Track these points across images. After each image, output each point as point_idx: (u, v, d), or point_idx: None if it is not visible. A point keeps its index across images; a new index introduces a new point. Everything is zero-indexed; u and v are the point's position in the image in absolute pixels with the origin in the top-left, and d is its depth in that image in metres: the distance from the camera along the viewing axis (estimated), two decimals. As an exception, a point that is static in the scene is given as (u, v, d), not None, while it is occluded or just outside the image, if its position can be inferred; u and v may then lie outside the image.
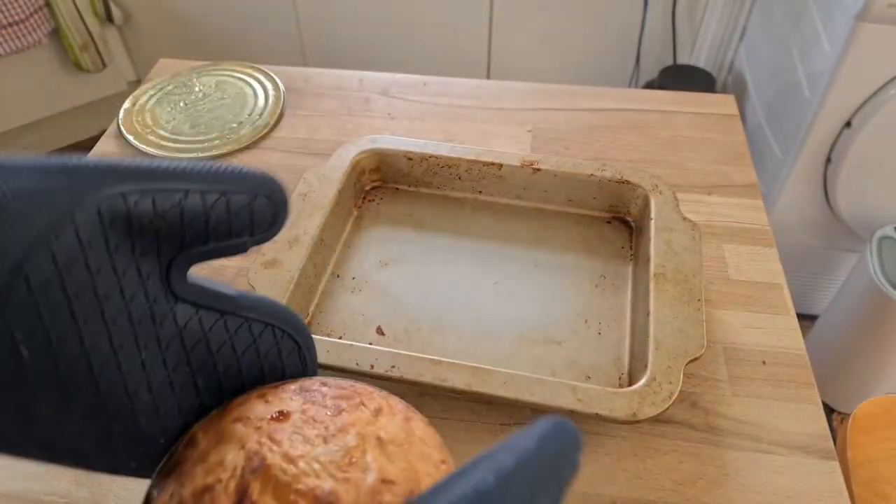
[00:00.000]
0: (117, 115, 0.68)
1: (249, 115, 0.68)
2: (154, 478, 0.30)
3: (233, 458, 0.28)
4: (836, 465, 0.41)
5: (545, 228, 0.56)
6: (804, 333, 0.50)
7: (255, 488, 0.27)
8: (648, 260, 0.49)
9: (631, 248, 0.55)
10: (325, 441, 0.29)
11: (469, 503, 0.18)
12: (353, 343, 0.44)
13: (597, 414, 0.40)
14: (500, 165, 0.56)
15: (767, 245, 0.55)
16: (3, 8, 1.39)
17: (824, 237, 1.22)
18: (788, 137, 1.14)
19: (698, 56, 1.58)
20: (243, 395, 0.32)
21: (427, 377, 0.42)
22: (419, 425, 0.32)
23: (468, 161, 0.57)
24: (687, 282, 0.47)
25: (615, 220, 0.57)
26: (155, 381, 0.27)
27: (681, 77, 1.50)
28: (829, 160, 1.10)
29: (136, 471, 0.29)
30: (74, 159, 0.24)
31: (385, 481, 0.28)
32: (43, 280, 0.22)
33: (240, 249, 0.28)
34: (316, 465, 0.28)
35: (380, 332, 0.49)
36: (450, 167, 0.58)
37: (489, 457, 0.19)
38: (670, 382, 0.41)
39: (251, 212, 0.27)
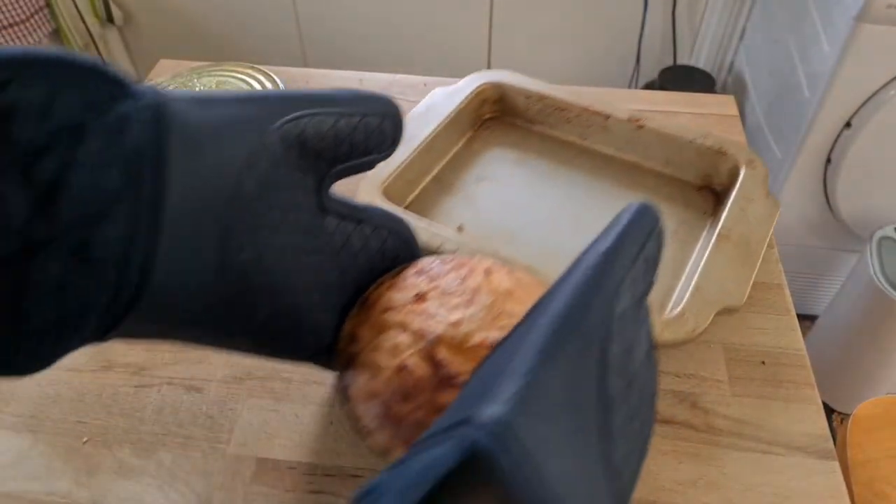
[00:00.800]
0: (117, 116, 0.68)
1: (249, 115, 0.68)
2: (339, 374, 0.36)
3: (404, 339, 0.34)
4: (836, 465, 0.41)
5: (637, 182, 0.60)
6: (804, 334, 0.50)
7: (441, 353, 0.34)
8: (720, 222, 0.51)
9: (712, 214, 0.57)
10: (469, 305, 0.36)
11: (598, 261, 0.23)
12: (431, 223, 0.50)
13: None
14: (608, 116, 0.60)
15: (768, 245, 0.55)
16: (4, 9, 1.39)
17: (824, 237, 1.22)
18: (788, 138, 1.14)
19: (698, 56, 1.58)
20: (372, 291, 0.38)
21: None
22: (521, 273, 0.39)
23: (580, 107, 0.61)
24: (748, 246, 0.49)
25: (705, 189, 0.59)
26: (322, 284, 0.32)
27: (681, 77, 1.50)
28: (828, 161, 1.10)
29: (307, 358, 0.35)
30: (257, 92, 0.29)
31: None
32: (252, 198, 0.27)
33: (370, 166, 0.33)
34: (474, 324, 0.35)
35: (460, 229, 0.55)
36: (562, 110, 0.62)
37: (601, 234, 0.25)
38: (696, 321, 0.44)
39: (381, 132, 0.32)
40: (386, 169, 0.54)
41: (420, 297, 0.36)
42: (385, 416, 0.34)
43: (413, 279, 0.38)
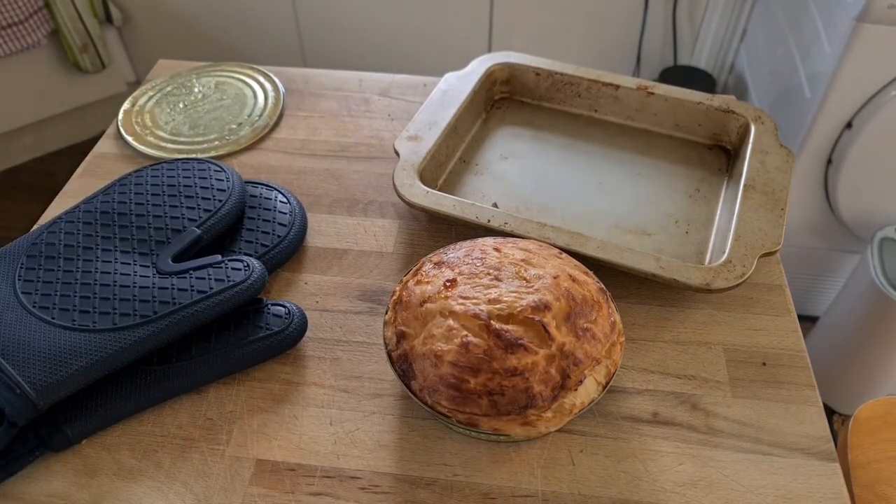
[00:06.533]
0: (116, 117, 0.68)
1: (249, 116, 0.68)
2: (397, 365, 0.39)
3: (453, 322, 0.37)
4: (837, 466, 0.41)
5: (651, 146, 0.62)
6: (805, 335, 0.49)
7: (498, 325, 0.36)
8: (741, 176, 0.54)
9: (727, 170, 0.60)
10: (498, 280, 0.39)
11: None
12: (476, 203, 0.53)
13: (675, 279, 0.46)
14: (617, 87, 0.63)
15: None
16: (3, 9, 1.39)
17: (825, 238, 1.22)
18: (789, 139, 1.14)
19: (699, 57, 1.58)
20: (399, 291, 0.41)
21: (533, 235, 0.49)
22: (522, 242, 0.43)
23: (589, 80, 0.64)
24: (773, 193, 0.52)
25: (716, 148, 0.62)
26: None
27: (681, 78, 1.50)
28: (829, 161, 1.10)
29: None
30: None
31: (554, 277, 0.39)
32: None
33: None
34: (511, 295, 0.38)
35: (495, 206, 0.57)
36: (572, 84, 0.65)
37: None
38: (744, 266, 0.47)
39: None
40: (420, 153, 0.56)
41: (451, 284, 0.39)
42: (459, 394, 0.36)
43: (434, 271, 0.41)
